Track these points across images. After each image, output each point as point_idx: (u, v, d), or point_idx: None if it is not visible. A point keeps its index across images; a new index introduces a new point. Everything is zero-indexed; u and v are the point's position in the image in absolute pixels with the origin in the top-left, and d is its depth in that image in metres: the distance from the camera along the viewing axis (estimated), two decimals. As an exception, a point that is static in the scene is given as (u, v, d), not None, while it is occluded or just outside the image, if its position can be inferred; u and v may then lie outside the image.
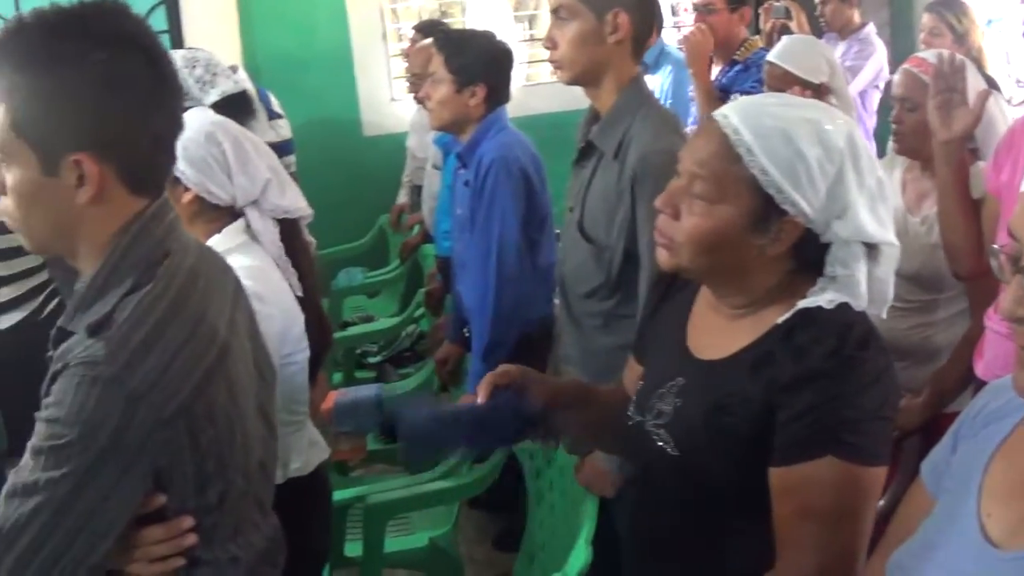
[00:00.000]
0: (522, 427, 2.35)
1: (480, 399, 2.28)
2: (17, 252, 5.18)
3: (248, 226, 2.87)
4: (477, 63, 4.25)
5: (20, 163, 1.79)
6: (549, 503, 3.54)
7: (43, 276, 5.42)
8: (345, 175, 7.86)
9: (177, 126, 1.90)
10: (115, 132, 1.78)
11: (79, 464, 1.71)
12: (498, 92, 4.29)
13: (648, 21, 3.18)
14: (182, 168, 2.69)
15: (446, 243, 5.27)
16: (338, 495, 3.85)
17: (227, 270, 2.12)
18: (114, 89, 1.76)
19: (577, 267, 3.19)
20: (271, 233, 2.92)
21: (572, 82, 3.15)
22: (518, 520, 4.04)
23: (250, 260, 2.73)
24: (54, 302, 5.48)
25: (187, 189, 2.75)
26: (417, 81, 6.04)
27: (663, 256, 2.14)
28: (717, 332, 2.17)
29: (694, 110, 5.42)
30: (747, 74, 5.46)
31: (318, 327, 3.06)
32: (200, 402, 1.82)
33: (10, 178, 1.82)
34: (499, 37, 4.50)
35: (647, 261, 2.92)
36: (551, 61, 3.21)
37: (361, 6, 8.37)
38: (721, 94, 5.36)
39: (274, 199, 2.91)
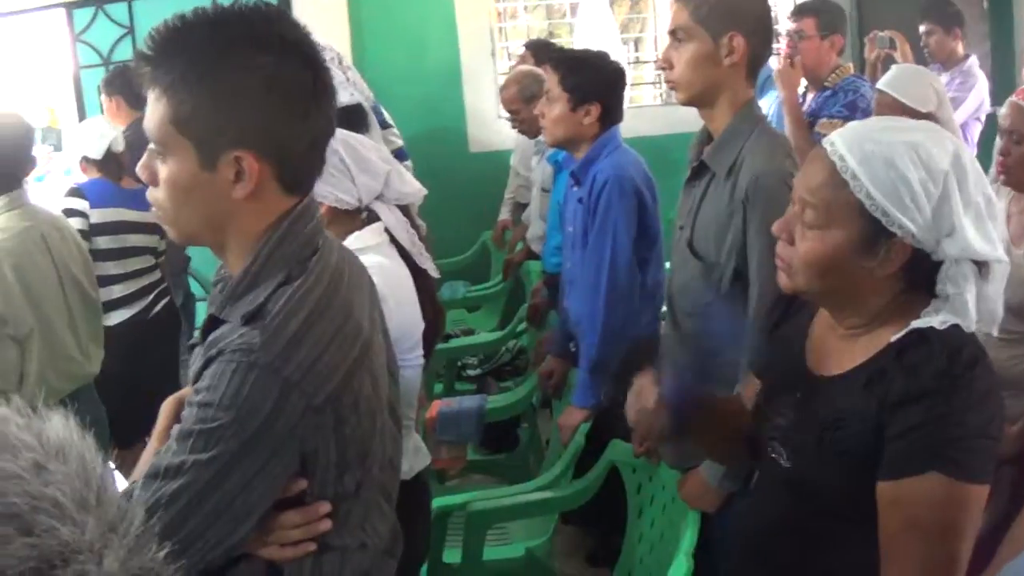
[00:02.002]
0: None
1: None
2: (129, 252, 5.33)
3: (385, 227, 2.95)
4: (592, 82, 4.30)
5: (178, 157, 1.83)
6: (649, 518, 3.57)
7: (154, 276, 5.56)
8: (450, 189, 7.90)
9: (331, 129, 1.94)
10: (275, 132, 1.83)
11: (229, 447, 1.75)
12: (612, 111, 4.34)
13: (763, 45, 3.18)
14: None
15: (554, 259, 5.32)
16: (440, 502, 3.90)
17: (363, 270, 2.16)
18: (277, 91, 1.81)
19: (685, 284, 3.22)
20: (401, 222, 3.00)
21: (687, 103, 3.18)
22: (612, 536, 4.07)
23: (385, 260, 2.80)
24: (163, 302, 5.62)
25: (319, 204, 2.81)
26: (516, 113, 6.12)
27: (783, 280, 2.23)
28: (834, 350, 2.23)
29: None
30: (835, 99, 5.44)
31: (432, 325, 3.12)
32: (347, 392, 1.87)
33: (165, 170, 1.86)
34: (612, 57, 4.55)
35: (756, 280, 2.95)
36: (667, 82, 3.24)
37: (471, 23, 8.44)
38: (810, 119, 5.36)
39: (396, 187, 2.99)
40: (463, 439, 4.41)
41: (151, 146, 1.88)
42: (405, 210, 3.11)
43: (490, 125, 8.51)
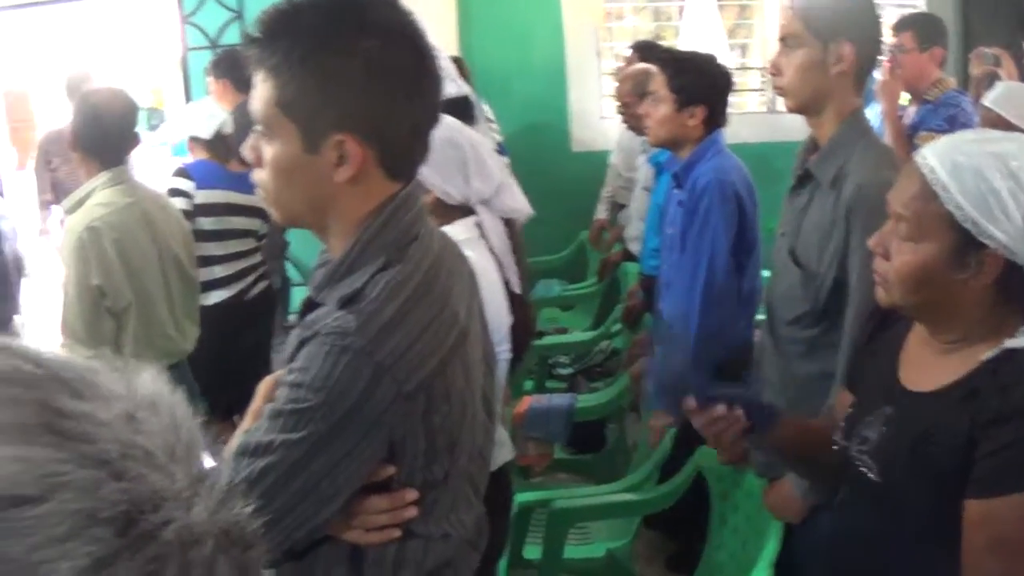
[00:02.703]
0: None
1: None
2: (231, 234, 5.39)
3: (478, 223, 2.96)
4: (698, 84, 4.29)
5: (282, 138, 1.85)
6: (732, 526, 3.55)
7: (254, 259, 5.61)
8: (550, 187, 7.87)
9: (434, 117, 1.95)
10: (379, 117, 1.84)
11: (318, 429, 1.77)
12: (716, 115, 4.33)
13: (871, 55, 3.18)
14: (423, 171, 2.72)
15: (652, 261, 5.30)
16: (523, 497, 3.92)
17: (464, 259, 2.17)
18: (382, 76, 1.82)
19: (785, 292, 3.20)
20: (499, 230, 3.01)
21: (795, 110, 3.17)
22: (693, 542, 4.06)
23: (474, 255, 2.81)
24: (261, 286, 5.68)
25: (427, 191, 2.83)
26: (627, 108, 6.10)
27: (880, 294, 2.24)
28: (928, 365, 2.22)
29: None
30: (935, 113, 5.39)
31: (523, 324, 3.13)
32: (439, 380, 1.87)
33: (269, 151, 1.88)
34: (720, 61, 4.53)
35: (856, 292, 2.93)
36: (776, 88, 3.24)
37: (578, 23, 8.45)
38: (911, 132, 5.32)
39: (505, 201, 3.01)
40: (551, 437, 4.42)
41: (257, 127, 1.91)
42: (511, 224, 3.13)
43: (594, 125, 8.50)
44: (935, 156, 2.08)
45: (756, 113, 9.02)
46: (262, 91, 1.85)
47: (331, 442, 1.78)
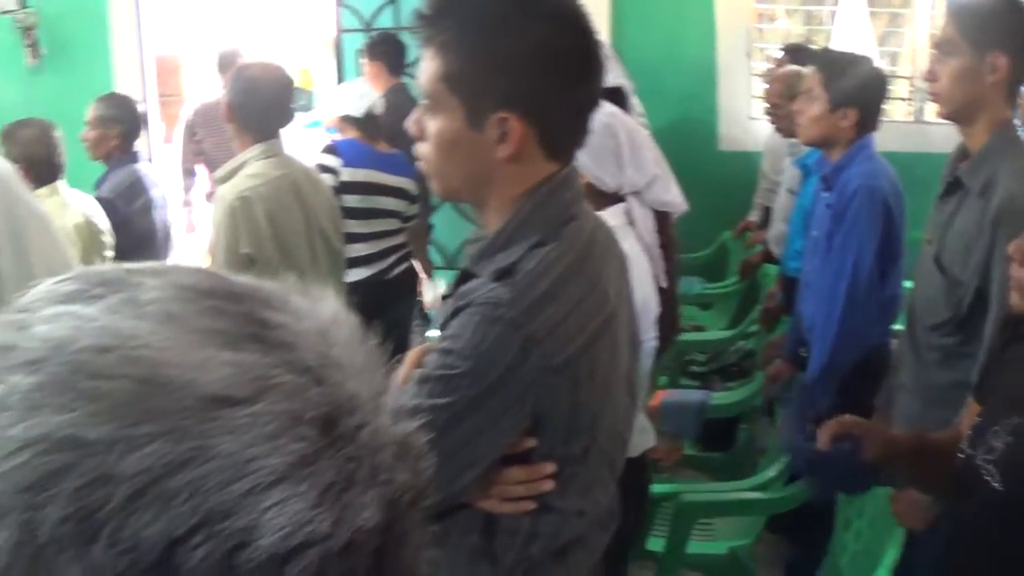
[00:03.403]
0: (856, 479, 2.47)
1: (821, 444, 2.39)
2: (376, 213, 5.45)
3: (628, 211, 2.99)
4: (854, 86, 4.24)
5: (447, 113, 1.90)
6: (856, 530, 3.54)
7: (397, 240, 5.67)
8: (695, 185, 7.74)
9: (595, 102, 1.99)
10: (542, 98, 1.89)
11: (464, 396, 1.81)
12: (869, 118, 4.27)
13: None
14: (578, 155, 2.75)
15: (794, 263, 5.27)
16: (651, 489, 3.93)
17: (616, 242, 2.20)
18: (548, 58, 1.86)
19: (927, 299, 3.19)
20: (648, 222, 3.03)
21: (947, 117, 3.18)
22: (815, 549, 4.04)
23: (624, 242, 2.84)
24: (403, 267, 5.74)
25: (579, 175, 2.86)
26: (776, 109, 6.06)
27: (1015, 299, 2.21)
28: None
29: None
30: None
31: (670, 318, 3.15)
32: (586, 358, 1.91)
33: (433, 125, 1.94)
34: (876, 65, 4.50)
35: (997, 302, 2.92)
36: (931, 94, 3.25)
37: (730, 22, 8.38)
38: None
39: (658, 193, 3.03)
40: (682, 432, 4.42)
41: (422, 101, 1.96)
42: (666, 217, 3.15)
43: (742, 124, 8.44)
44: None
45: (903, 122, 8.89)
46: (429, 67, 1.91)
47: (476, 410, 1.82)
